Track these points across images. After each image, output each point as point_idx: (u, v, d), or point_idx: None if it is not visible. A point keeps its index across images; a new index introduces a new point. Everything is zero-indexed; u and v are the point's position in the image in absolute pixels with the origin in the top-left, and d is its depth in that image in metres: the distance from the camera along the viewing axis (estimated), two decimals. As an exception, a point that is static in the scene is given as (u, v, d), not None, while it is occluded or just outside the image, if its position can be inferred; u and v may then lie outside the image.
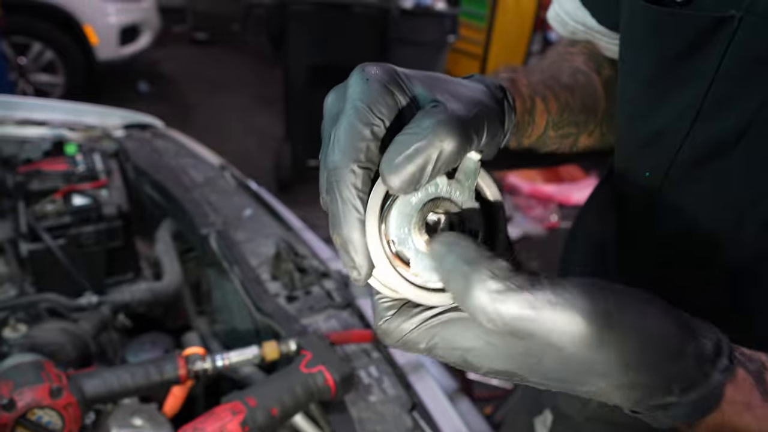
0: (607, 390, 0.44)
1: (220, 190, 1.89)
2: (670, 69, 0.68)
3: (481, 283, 0.41)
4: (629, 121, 0.78)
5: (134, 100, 5.91)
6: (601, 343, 0.41)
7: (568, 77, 0.82)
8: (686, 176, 0.69)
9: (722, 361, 0.46)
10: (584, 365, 0.42)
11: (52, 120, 2.14)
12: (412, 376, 1.30)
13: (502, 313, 0.40)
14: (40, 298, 1.42)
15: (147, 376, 1.06)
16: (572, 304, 0.41)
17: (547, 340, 0.42)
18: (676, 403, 0.45)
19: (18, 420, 0.92)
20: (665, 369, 0.44)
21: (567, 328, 0.41)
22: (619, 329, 0.42)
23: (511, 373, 0.46)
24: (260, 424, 1.00)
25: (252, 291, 1.43)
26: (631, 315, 0.42)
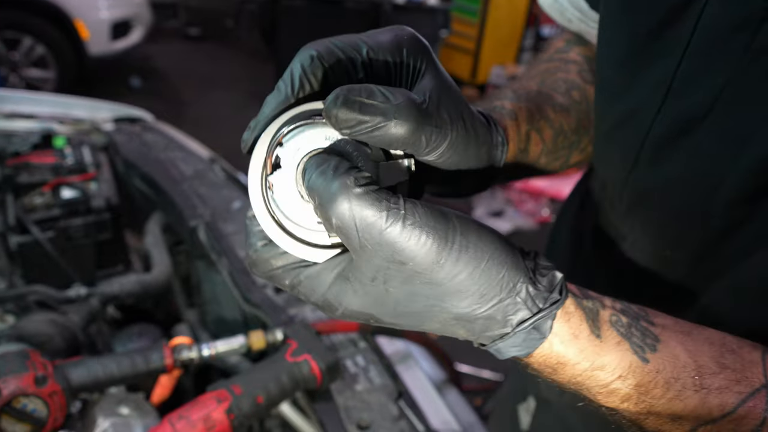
0: (450, 321, 0.50)
1: (209, 183, 1.90)
2: (641, 47, 0.69)
3: (345, 188, 0.45)
4: (604, 104, 0.78)
5: (126, 96, 5.89)
6: (443, 266, 0.46)
7: (563, 96, 0.83)
8: (657, 155, 0.70)
9: (554, 294, 0.51)
10: (429, 289, 0.47)
11: (40, 113, 2.14)
12: (399, 366, 1.31)
13: (357, 216, 0.45)
14: (29, 290, 1.42)
15: (133, 366, 1.07)
16: (423, 223, 0.46)
17: (393, 254, 0.46)
18: (511, 334, 0.50)
19: (3, 408, 0.92)
20: (502, 301, 0.49)
21: (415, 244, 0.46)
22: (460, 257, 0.47)
23: (367, 314, 0.50)
24: (246, 411, 1.00)
25: (240, 282, 1.44)
26: (478, 252, 0.48)
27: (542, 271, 0.51)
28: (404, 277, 0.47)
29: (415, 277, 0.47)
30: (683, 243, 0.72)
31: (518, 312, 0.50)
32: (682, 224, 0.71)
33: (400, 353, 1.36)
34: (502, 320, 0.50)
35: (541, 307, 0.50)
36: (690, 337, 0.55)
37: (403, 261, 0.46)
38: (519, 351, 0.52)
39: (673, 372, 0.53)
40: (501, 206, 5.10)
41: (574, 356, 0.52)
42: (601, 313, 0.53)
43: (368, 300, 0.49)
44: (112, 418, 1.08)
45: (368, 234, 0.45)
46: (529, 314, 0.50)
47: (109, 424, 1.06)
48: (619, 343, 0.52)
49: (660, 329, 0.54)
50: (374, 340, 1.34)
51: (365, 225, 0.45)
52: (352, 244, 0.46)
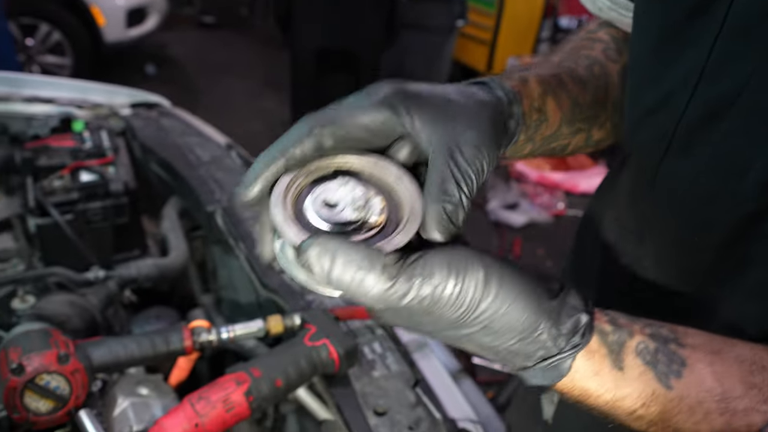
0: (477, 348, 0.54)
1: (226, 169, 1.90)
2: (674, 34, 0.69)
3: (370, 287, 0.49)
4: (637, 90, 0.78)
5: (141, 83, 5.91)
6: (468, 321, 0.51)
7: (583, 69, 0.84)
8: (689, 140, 0.70)
9: (575, 338, 0.54)
10: (454, 329, 0.52)
11: (59, 98, 2.15)
12: (415, 354, 1.31)
13: (392, 304, 0.50)
14: (49, 272, 1.43)
15: (153, 346, 1.07)
16: (440, 281, 0.50)
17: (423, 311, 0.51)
18: (530, 368, 0.54)
19: (26, 384, 0.93)
20: (523, 341, 0.53)
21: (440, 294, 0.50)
22: (486, 312, 0.51)
23: (405, 326, 0.55)
24: (264, 394, 1.01)
25: (257, 267, 1.44)
26: (499, 299, 0.51)
27: (569, 312, 0.54)
28: (433, 320, 0.52)
29: (441, 320, 0.51)
30: (712, 228, 0.72)
31: (538, 351, 0.53)
32: (711, 209, 0.71)
33: (416, 342, 1.36)
34: (524, 356, 0.54)
35: (562, 348, 0.54)
36: (719, 357, 0.57)
37: (430, 311, 0.51)
38: (540, 382, 0.55)
39: (698, 396, 0.55)
40: (516, 199, 5.07)
41: (595, 389, 0.56)
42: (627, 343, 0.56)
43: (403, 321, 0.54)
44: (132, 398, 1.09)
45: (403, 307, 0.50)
46: (548, 354, 0.53)
47: (129, 404, 1.07)
48: (643, 372, 0.55)
49: (689, 351, 0.56)
50: (391, 327, 1.34)
51: (401, 304, 0.50)
52: None
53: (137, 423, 1.06)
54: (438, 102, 0.58)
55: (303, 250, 0.49)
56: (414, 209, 0.53)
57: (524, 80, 0.74)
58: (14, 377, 0.93)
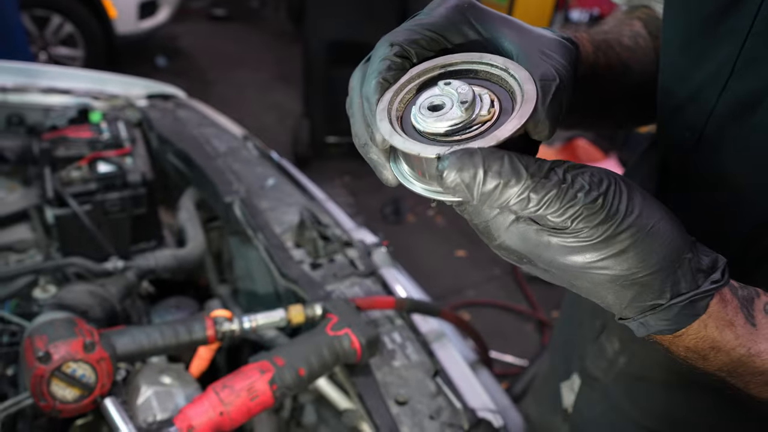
0: (603, 283, 0.49)
1: (243, 160, 1.90)
2: (706, 29, 0.70)
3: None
4: (669, 83, 0.79)
5: (152, 75, 5.93)
6: (612, 235, 0.46)
7: (629, 39, 0.85)
8: (719, 134, 0.71)
9: (715, 274, 0.50)
10: (591, 253, 0.47)
11: (76, 89, 2.15)
12: (434, 344, 1.31)
13: (536, 212, 0.46)
14: (68, 262, 1.44)
15: (176, 336, 1.08)
16: (583, 201, 0.46)
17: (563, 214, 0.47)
18: (665, 306, 0.49)
19: (53, 372, 0.94)
20: (663, 270, 0.48)
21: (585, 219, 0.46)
22: (630, 228, 0.47)
23: (521, 253, 0.50)
24: (288, 383, 1.01)
25: (276, 257, 1.44)
26: (644, 216, 0.47)
27: (706, 251, 0.51)
28: (566, 236, 0.48)
29: (580, 235, 0.47)
30: (739, 221, 0.72)
31: (677, 284, 0.49)
32: (739, 203, 0.72)
33: (435, 332, 1.36)
34: (659, 290, 0.49)
35: (700, 285, 0.50)
36: None
37: (571, 225, 0.47)
38: (667, 326, 0.51)
39: None
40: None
41: (730, 341, 0.52)
42: (756, 301, 0.53)
43: (527, 243, 0.49)
44: (155, 386, 1.09)
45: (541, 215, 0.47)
46: (688, 289, 0.49)
47: (152, 393, 1.08)
48: None
49: None
50: (410, 317, 1.34)
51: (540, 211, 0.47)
52: None
53: (161, 411, 1.06)
54: (508, 17, 0.58)
55: (441, 168, 0.47)
56: (526, 93, 0.50)
57: (575, 36, 0.74)
58: (41, 365, 0.93)
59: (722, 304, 0.51)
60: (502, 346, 3.29)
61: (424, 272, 3.71)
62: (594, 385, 1.05)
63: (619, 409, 0.99)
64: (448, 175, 0.46)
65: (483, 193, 0.46)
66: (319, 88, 4.75)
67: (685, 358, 0.55)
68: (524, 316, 3.64)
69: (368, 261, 1.48)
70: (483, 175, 0.46)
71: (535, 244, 0.49)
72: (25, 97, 2.04)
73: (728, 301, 0.52)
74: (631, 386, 0.97)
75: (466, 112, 0.50)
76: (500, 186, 0.46)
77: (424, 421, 1.10)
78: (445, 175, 0.46)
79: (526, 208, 0.46)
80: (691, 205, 0.78)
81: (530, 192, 0.46)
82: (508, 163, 0.46)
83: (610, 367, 0.99)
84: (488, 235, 0.51)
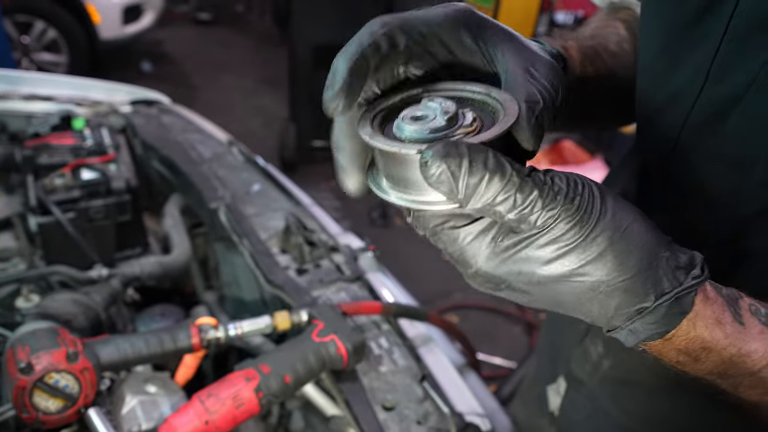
0: (585, 292, 0.48)
1: (228, 166, 1.89)
2: (682, 33, 0.70)
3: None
4: (646, 87, 0.79)
5: (137, 80, 5.90)
6: (588, 237, 0.46)
7: (615, 45, 0.85)
8: (696, 138, 0.71)
9: (695, 270, 0.50)
10: (569, 258, 0.47)
11: (58, 95, 2.13)
12: (421, 349, 1.31)
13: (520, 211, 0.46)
14: (51, 270, 1.43)
15: (161, 344, 1.07)
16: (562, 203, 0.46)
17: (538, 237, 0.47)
18: (651, 308, 0.49)
19: (36, 383, 0.93)
20: (643, 272, 0.48)
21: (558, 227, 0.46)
22: (605, 231, 0.47)
23: (499, 278, 0.49)
24: (274, 391, 1.01)
25: (262, 263, 1.44)
26: (617, 218, 0.47)
27: (682, 249, 0.51)
28: (545, 242, 0.47)
29: (559, 241, 0.47)
30: (715, 225, 0.73)
31: (659, 284, 0.48)
32: (715, 207, 0.73)
33: (422, 336, 1.36)
34: (642, 292, 0.48)
35: (682, 282, 0.49)
36: None
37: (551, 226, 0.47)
38: (656, 329, 0.50)
39: None
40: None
41: (720, 340, 0.51)
42: (740, 301, 0.53)
43: (505, 263, 0.48)
44: (140, 396, 1.08)
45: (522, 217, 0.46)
46: (671, 287, 0.49)
47: (137, 402, 1.07)
48: (762, 331, 0.52)
49: None
50: (397, 322, 1.34)
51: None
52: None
53: (146, 421, 1.05)
54: (506, 29, 0.57)
55: (425, 158, 0.45)
56: (508, 109, 0.50)
57: (565, 48, 0.75)
58: (23, 376, 0.92)
59: (707, 302, 0.51)
60: (490, 349, 3.30)
61: (412, 275, 3.71)
62: (579, 388, 1.05)
63: (605, 412, 1.00)
64: (432, 163, 0.45)
65: (468, 185, 0.45)
66: (305, 92, 4.75)
67: (677, 363, 0.54)
68: (512, 318, 3.65)
69: (354, 266, 1.47)
70: (468, 165, 0.45)
71: (514, 260, 0.48)
72: (6, 104, 2.02)
73: (713, 300, 0.51)
74: (615, 389, 0.98)
75: (449, 122, 0.50)
76: (485, 179, 0.45)
77: (411, 426, 1.10)
78: (429, 163, 0.45)
79: (514, 208, 0.45)
80: (669, 207, 0.79)
81: (516, 191, 0.45)
82: (493, 157, 0.45)
83: (594, 371, 1.00)
84: (463, 263, 0.50)
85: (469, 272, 0.50)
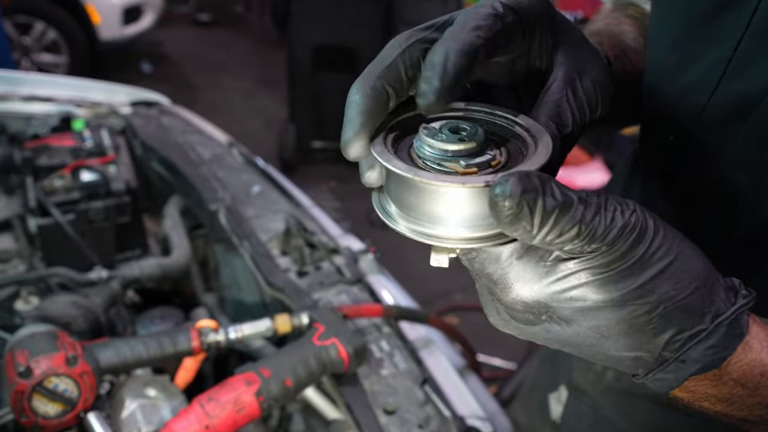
0: (640, 317, 0.44)
1: (227, 167, 1.89)
2: (698, 29, 0.68)
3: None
4: (655, 84, 0.77)
5: (136, 81, 5.90)
6: (648, 254, 0.43)
7: (632, 41, 0.83)
8: (709, 138, 0.69)
9: (743, 290, 0.47)
10: (629, 283, 0.43)
11: (58, 96, 2.13)
12: (422, 352, 1.31)
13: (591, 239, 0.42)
14: (51, 273, 1.42)
15: (161, 347, 1.06)
16: (621, 223, 0.42)
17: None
18: (710, 329, 0.45)
19: (35, 387, 0.92)
20: (699, 289, 0.44)
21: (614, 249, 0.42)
22: (662, 248, 0.43)
23: (542, 303, 0.45)
24: (274, 394, 1.00)
25: (262, 265, 1.43)
26: (669, 235, 0.44)
27: (722, 275, 0.48)
28: (602, 263, 0.44)
29: (614, 262, 0.43)
30: (733, 227, 0.71)
31: (714, 304, 0.45)
32: (732, 209, 0.70)
33: (423, 339, 1.36)
34: (699, 312, 0.45)
35: (734, 301, 0.46)
36: None
37: (623, 250, 0.43)
38: (714, 354, 0.46)
39: None
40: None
41: None
42: None
43: (555, 287, 0.44)
44: (140, 399, 1.08)
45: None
46: (726, 307, 0.45)
47: (137, 406, 1.06)
48: None
49: None
50: (397, 325, 1.33)
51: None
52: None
53: (146, 425, 1.05)
54: (568, 23, 0.54)
55: (500, 193, 0.39)
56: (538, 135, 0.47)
57: (600, 45, 0.72)
58: (22, 380, 0.92)
59: (756, 323, 0.48)
60: (490, 350, 3.29)
61: (412, 277, 3.70)
62: (582, 397, 1.04)
63: (608, 422, 0.98)
64: (512, 201, 0.39)
65: (542, 221, 0.40)
66: (304, 93, 4.75)
67: (731, 397, 0.49)
68: (512, 320, 3.64)
69: (355, 268, 1.47)
70: (543, 200, 0.40)
71: (565, 282, 0.44)
72: (6, 105, 2.02)
73: (757, 320, 0.48)
74: (620, 400, 0.96)
75: (479, 147, 0.46)
76: (556, 212, 0.40)
77: (412, 430, 1.09)
78: (507, 202, 0.39)
79: (578, 236, 0.41)
80: (682, 210, 0.77)
81: (580, 219, 0.41)
82: (557, 188, 0.41)
83: (598, 381, 0.99)
84: (504, 286, 0.46)
85: (508, 298, 0.46)
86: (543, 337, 0.48)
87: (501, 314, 0.49)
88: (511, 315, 0.47)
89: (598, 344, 0.46)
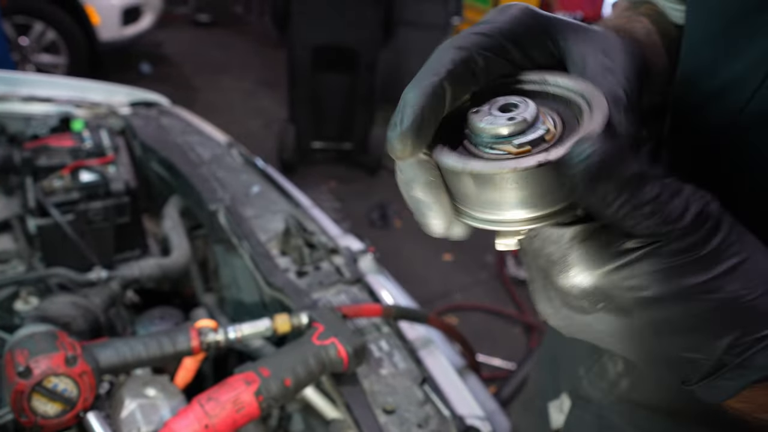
0: (702, 317, 0.42)
1: (227, 167, 1.89)
2: (743, 20, 0.64)
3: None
4: (690, 79, 0.73)
5: (136, 82, 5.91)
6: (723, 246, 0.41)
7: (644, 36, 0.79)
8: (754, 133, 0.64)
9: None
10: (700, 275, 0.41)
11: (57, 97, 2.13)
12: (421, 351, 1.31)
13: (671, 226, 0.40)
14: (51, 273, 1.42)
15: (160, 347, 1.06)
16: (697, 208, 0.40)
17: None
18: None
19: (34, 387, 0.92)
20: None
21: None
22: (738, 241, 0.41)
23: (601, 291, 0.43)
24: (274, 394, 1.00)
25: (262, 265, 1.43)
26: (740, 230, 0.42)
27: None
28: (674, 250, 0.41)
29: (688, 249, 0.40)
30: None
31: None
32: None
33: (422, 339, 1.36)
34: (764, 313, 0.42)
35: None
36: None
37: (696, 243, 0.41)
38: None
39: None
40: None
41: None
42: None
43: (618, 274, 0.42)
44: (139, 399, 1.08)
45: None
46: None
47: (136, 406, 1.06)
48: None
49: None
50: (397, 325, 1.33)
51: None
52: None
53: (145, 425, 1.05)
54: (572, 22, 0.51)
55: (583, 167, 0.38)
56: (595, 101, 0.44)
57: None
58: (22, 380, 0.92)
59: None
60: (489, 350, 3.30)
61: (412, 277, 3.72)
62: (587, 406, 1.00)
63: (614, 430, 0.94)
64: (599, 176, 0.38)
65: (619, 189, 0.38)
66: (304, 94, 4.75)
67: None
68: (512, 320, 3.65)
69: (354, 268, 1.47)
70: (623, 167, 0.38)
71: (631, 268, 0.41)
72: (5, 106, 2.02)
73: None
74: (632, 411, 0.91)
75: (533, 126, 0.44)
76: (635, 181, 0.38)
77: (412, 429, 1.09)
78: (592, 177, 0.38)
79: (655, 213, 0.39)
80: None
81: (659, 191, 0.39)
82: (638, 165, 0.39)
83: (610, 390, 0.94)
84: (562, 268, 0.43)
85: (565, 282, 0.44)
86: (594, 329, 0.46)
87: (552, 301, 0.46)
88: (564, 302, 0.45)
89: (651, 341, 0.44)
